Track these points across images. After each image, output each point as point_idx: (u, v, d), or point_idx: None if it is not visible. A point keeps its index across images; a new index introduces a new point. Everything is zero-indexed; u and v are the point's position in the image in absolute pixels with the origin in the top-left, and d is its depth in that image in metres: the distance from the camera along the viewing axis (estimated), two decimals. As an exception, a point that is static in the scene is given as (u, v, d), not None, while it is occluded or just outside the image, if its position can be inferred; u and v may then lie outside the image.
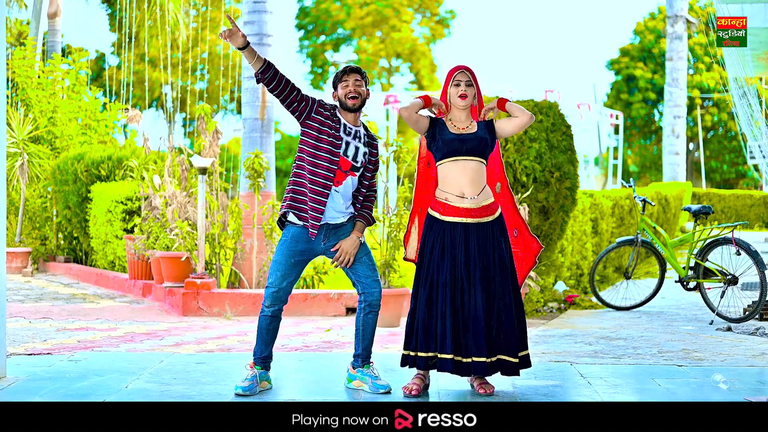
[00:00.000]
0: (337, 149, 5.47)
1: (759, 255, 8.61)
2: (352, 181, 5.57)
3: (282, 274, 5.51)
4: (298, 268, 5.56)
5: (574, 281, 10.83)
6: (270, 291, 5.54)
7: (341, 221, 5.57)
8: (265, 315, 5.58)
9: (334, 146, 5.46)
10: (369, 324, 5.63)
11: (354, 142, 5.54)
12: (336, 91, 5.60)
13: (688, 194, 23.84)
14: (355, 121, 5.59)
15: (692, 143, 42.43)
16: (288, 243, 5.52)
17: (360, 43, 46.24)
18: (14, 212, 14.94)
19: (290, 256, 5.51)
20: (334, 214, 5.52)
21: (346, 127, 5.55)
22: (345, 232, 5.58)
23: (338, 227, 5.56)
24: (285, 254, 5.51)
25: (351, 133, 5.55)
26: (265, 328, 5.58)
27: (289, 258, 5.51)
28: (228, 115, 37.70)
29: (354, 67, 5.58)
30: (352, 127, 5.57)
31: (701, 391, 5.66)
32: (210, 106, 11.07)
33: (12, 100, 16.40)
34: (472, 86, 5.50)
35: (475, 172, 5.42)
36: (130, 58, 22.74)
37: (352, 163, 5.53)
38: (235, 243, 10.41)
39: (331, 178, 5.45)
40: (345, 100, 5.53)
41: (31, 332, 8.09)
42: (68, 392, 5.48)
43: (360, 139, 5.58)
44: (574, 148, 9.53)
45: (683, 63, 26.45)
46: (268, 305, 5.56)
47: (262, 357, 5.59)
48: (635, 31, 44.32)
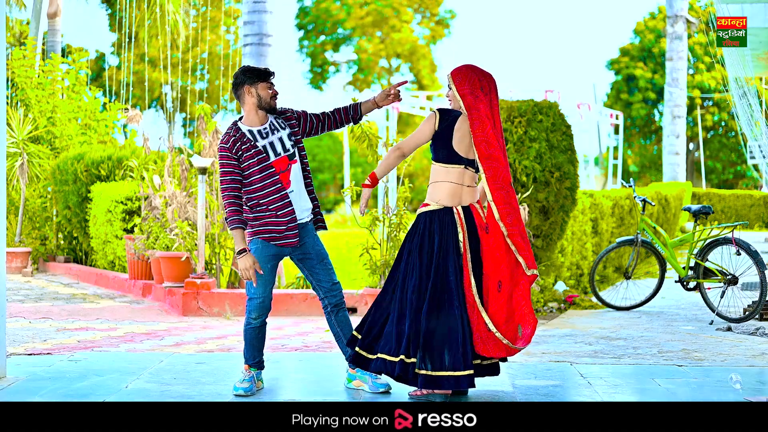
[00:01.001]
0: (265, 161, 5.41)
1: (759, 255, 8.60)
2: (296, 169, 5.51)
3: (262, 282, 5.50)
4: (273, 272, 5.55)
5: (574, 281, 10.83)
6: (256, 302, 5.51)
7: (305, 220, 5.56)
8: (252, 327, 5.56)
9: (262, 161, 5.41)
10: (344, 320, 5.63)
11: (273, 136, 5.47)
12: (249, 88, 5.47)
13: (688, 194, 23.83)
14: (264, 118, 5.51)
15: (692, 143, 42.43)
16: (260, 250, 5.50)
17: (360, 43, 46.23)
18: (14, 212, 14.94)
19: (265, 262, 5.50)
20: (298, 214, 5.51)
21: (260, 132, 5.48)
22: (308, 232, 5.56)
23: (303, 227, 5.55)
24: (260, 262, 5.48)
25: (266, 132, 5.49)
26: (255, 338, 5.58)
27: (265, 264, 5.49)
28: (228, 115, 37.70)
29: (271, 71, 5.53)
30: (264, 128, 5.50)
31: (701, 391, 5.66)
32: (210, 106, 11.07)
33: (12, 100, 16.40)
34: (450, 90, 5.50)
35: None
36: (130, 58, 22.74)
37: (285, 155, 5.47)
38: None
39: (281, 187, 5.42)
40: (269, 101, 5.48)
41: (31, 332, 8.09)
42: (68, 392, 5.48)
43: (276, 129, 5.51)
44: (574, 148, 9.52)
45: (683, 63, 26.44)
46: (255, 317, 5.54)
47: (255, 362, 5.61)
48: (635, 31, 44.31)
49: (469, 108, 5.36)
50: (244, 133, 5.44)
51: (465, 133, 5.40)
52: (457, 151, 5.39)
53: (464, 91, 5.38)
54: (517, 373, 6.18)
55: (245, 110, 5.52)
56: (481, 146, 5.34)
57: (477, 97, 5.37)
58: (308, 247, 5.57)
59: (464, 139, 5.40)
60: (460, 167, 5.41)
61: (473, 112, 5.35)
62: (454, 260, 5.32)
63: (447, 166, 5.40)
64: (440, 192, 5.42)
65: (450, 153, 5.39)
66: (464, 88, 5.39)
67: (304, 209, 5.54)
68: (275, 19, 11.34)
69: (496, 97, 5.44)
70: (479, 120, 5.35)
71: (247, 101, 5.50)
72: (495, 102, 5.42)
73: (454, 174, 5.41)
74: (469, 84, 5.39)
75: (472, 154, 5.42)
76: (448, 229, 5.37)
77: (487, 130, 5.34)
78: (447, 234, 5.35)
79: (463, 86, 5.40)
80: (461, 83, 5.41)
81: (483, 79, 5.41)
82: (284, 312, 9.24)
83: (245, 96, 5.50)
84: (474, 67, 5.47)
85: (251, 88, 5.48)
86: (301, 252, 5.57)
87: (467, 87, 5.38)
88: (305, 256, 5.58)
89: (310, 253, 5.58)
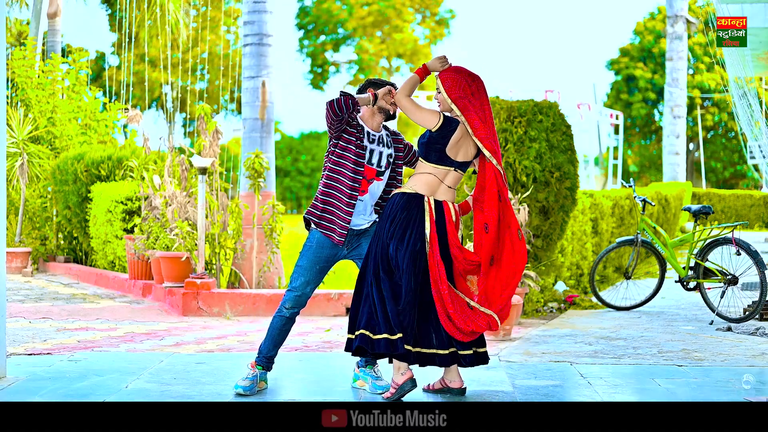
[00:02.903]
0: (361, 159, 5.52)
1: (759, 255, 8.60)
2: (378, 186, 5.63)
3: (306, 280, 5.55)
4: (321, 274, 5.62)
5: (574, 281, 10.83)
6: (293, 294, 5.56)
7: (365, 227, 5.62)
8: (282, 315, 5.60)
9: (359, 156, 5.52)
10: None
11: (378, 147, 5.60)
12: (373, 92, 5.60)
13: (688, 194, 23.83)
14: (378, 126, 5.65)
15: (692, 143, 42.43)
16: (314, 249, 5.55)
17: (361, 43, 46.23)
18: (14, 212, 14.94)
19: (315, 262, 5.55)
20: (358, 221, 5.58)
21: (370, 134, 5.60)
22: (367, 237, 5.64)
23: (361, 233, 5.61)
24: (311, 260, 5.55)
25: (375, 139, 5.61)
26: (279, 328, 5.60)
27: (314, 264, 5.55)
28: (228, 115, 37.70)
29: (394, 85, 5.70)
30: (375, 133, 5.62)
31: (701, 391, 5.66)
32: (210, 106, 11.07)
33: (12, 100, 16.40)
34: (439, 93, 5.52)
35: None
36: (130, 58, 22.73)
37: (376, 169, 5.59)
38: (235, 243, 10.40)
39: (357, 189, 5.51)
40: (389, 106, 5.61)
41: (31, 332, 8.09)
42: (68, 392, 5.48)
43: (384, 144, 5.64)
44: (574, 148, 9.52)
45: (683, 63, 26.45)
46: (289, 307, 5.58)
47: (267, 356, 5.61)
48: (635, 31, 44.32)
49: (464, 110, 5.38)
50: (359, 124, 5.59)
51: (459, 140, 5.43)
52: (449, 155, 5.44)
53: (455, 94, 5.40)
54: (517, 373, 6.19)
55: (363, 110, 5.65)
56: (486, 142, 5.37)
57: (469, 100, 5.40)
58: (364, 247, 5.63)
59: (458, 145, 5.44)
60: (449, 168, 5.45)
61: (467, 114, 5.37)
62: (414, 244, 5.32)
63: (436, 166, 5.46)
64: (417, 181, 5.47)
65: (441, 156, 5.45)
66: (455, 91, 5.41)
67: (364, 218, 5.61)
68: (275, 19, 11.33)
69: (486, 99, 5.47)
70: (475, 121, 5.37)
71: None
72: (486, 105, 5.45)
73: (440, 172, 5.45)
74: (458, 88, 5.41)
75: (461, 157, 5.45)
76: (414, 214, 5.37)
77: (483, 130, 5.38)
78: (410, 217, 5.37)
79: (453, 90, 5.41)
80: (451, 87, 5.42)
81: (473, 83, 5.45)
82: (284, 312, 9.23)
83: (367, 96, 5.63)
84: (462, 70, 5.49)
85: (374, 91, 5.62)
86: (357, 253, 5.65)
87: (458, 90, 5.40)
88: (359, 254, 5.65)
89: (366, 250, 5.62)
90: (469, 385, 5.70)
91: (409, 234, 5.34)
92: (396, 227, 5.37)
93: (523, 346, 7.35)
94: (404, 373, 5.27)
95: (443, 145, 5.42)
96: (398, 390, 5.25)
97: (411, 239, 5.33)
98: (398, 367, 5.29)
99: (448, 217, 5.43)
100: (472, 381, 5.82)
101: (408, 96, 5.51)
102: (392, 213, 5.42)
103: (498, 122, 9.15)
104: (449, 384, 5.51)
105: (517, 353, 7.00)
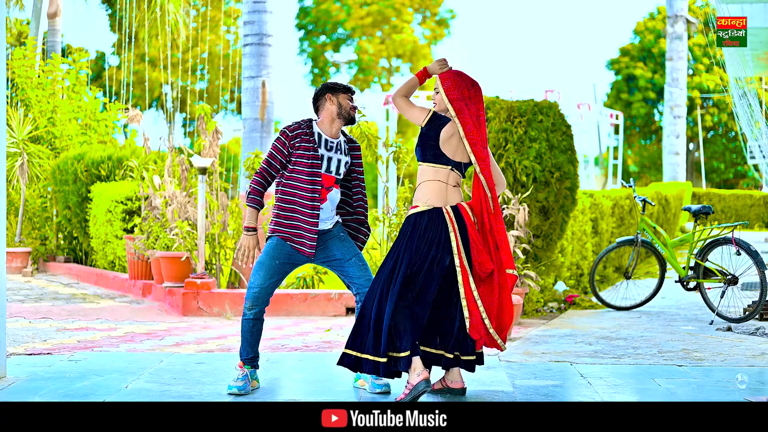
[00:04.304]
0: (317, 168, 5.50)
1: (759, 255, 8.60)
2: (336, 193, 5.62)
3: (264, 273, 5.51)
4: (282, 270, 5.56)
5: (574, 281, 10.83)
6: (251, 292, 5.53)
7: (328, 227, 5.61)
8: (247, 318, 5.58)
9: (314, 166, 5.49)
10: None
11: (336, 155, 5.58)
12: (333, 98, 5.58)
13: (688, 194, 23.83)
14: (336, 133, 5.62)
15: (692, 143, 42.43)
16: (274, 245, 5.55)
17: (360, 43, 46.23)
18: (14, 212, 14.94)
19: (275, 257, 5.52)
20: (321, 225, 5.58)
21: (327, 142, 5.58)
22: (333, 239, 5.62)
23: (325, 233, 5.61)
24: (270, 255, 5.53)
25: (332, 146, 5.58)
26: (249, 330, 5.59)
27: (273, 259, 5.52)
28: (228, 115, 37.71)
29: (353, 89, 5.68)
30: (332, 141, 5.60)
31: (701, 391, 5.66)
32: (210, 106, 11.08)
33: (12, 100, 16.41)
34: (437, 93, 5.54)
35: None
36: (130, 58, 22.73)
37: (335, 177, 5.58)
38: (235, 243, 10.40)
39: (317, 198, 5.50)
40: (350, 111, 5.60)
41: (31, 332, 8.09)
42: (68, 392, 5.48)
43: (341, 151, 5.62)
44: (574, 148, 9.53)
45: (683, 63, 26.45)
46: (249, 307, 5.55)
47: (248, 358, 5.61)
48: (635, 31, 44.31)
49: (459, 112, 5.40)
50: (314, 133, 5.56)
51: (451, 135, 5.44)
52: (444, 152, 5.43)
53: (453, 96, 5.43)
54: (517, 373, 6.19)
55: (322, 117, 5.62)
56: (476, 147, 5.38)
57: (465, 103, 5.42)
58: (332, 250, 5.62)
59: (451, 141, 5.44)
60: (447, 168, 5.44)
61: (462, 116, 5.39)
62: (442, 260, 5.33)
63: (435, 165, 5.45)
64: (428, 192, 5.44)
65: (437, 153, 5.43)
66: (453, 93, 5.43)
67: (326, 219, 5.60)
68: (275, 19, 11.35)
69: (482, 108, 5.49)
70: (468, 124, 5.39)
71: (326, 108, 5.61)
72: (482, 113, 5.47)
73: (442, 174, 5.44)
74: (458, 90, 5.44)
75: (458, 157, 5.46)
76: (438, 230, 5.38)
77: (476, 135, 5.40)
78: (435, 236, 5.37)
79: (451, 91, 5.44)
80: (450, 88, 5.45)
81: (471, 88, 5.48)
82: (284, 312, 9.25)
83: (326, 103, 5.61)
84: (463, 74, 5.53)
85: (333, 97, 5.60)
86: (325, 255, 5.63)
87: (456, 92, 5.43)
88: (329, 259, 5.63)
89: (334, 254, 5.62)
90: (469, 385, 5.70)
91: (435, 251, 5.35)
92: (422, 244, 5.36)
93: (523, 346, 7.35)
94: (420, 373, 5.26)
95: (435, 140, 5.42)
96: (413, 390, 5.26)
97: (439, 257, 5.34)
98: (414, 368, 5.28)
99: (467, 220, 5.44)
100: (472, 381, 5.82)
101: (404, 96, 5.53)
102: (416, 231, 5.40)
103: (498, 122, 9.15)
104: (450, 384, 5.52)
105: (517, 353, 7.01)
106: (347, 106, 5.60)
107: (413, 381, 5.26)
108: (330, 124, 5.60)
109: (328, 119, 5.60)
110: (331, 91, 5.61)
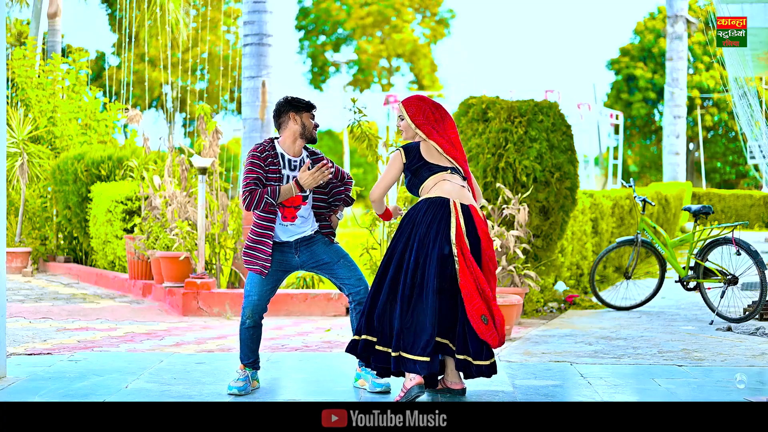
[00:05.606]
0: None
1: (759, 255, 8.60)
2: (306, 209, 5.56)
3: (259, 282, 5.53)
4: (275, 277, 5.56)
5: (574, 281, 10.83)
6: (248, 300, 5.54)
7: (309, 234, 5.59)
8: (246, 327, 5.58)
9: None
10: None
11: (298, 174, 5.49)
12: (296, 117, 5.52)
13: (688, 194, 23.83)
14: (299, 151, 5.57)
15: (692, 143, 42.43)
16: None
17: (360, 43, 46.23)
18: (14, 212, 14.94)
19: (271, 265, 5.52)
20: (300, 230, 5.56)
21: (291, 162, 5.53)
22: (315, 242, 5.61)
23: (309, 239, 5.60)
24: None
25: (295, 166, 5.54)
26: (249, 338, 5.61)
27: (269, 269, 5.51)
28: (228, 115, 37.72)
29: (314, 105, 5.62)
30: (295, 159, 5.55)
31: (701, 391, 5.66)
32: (210, 106, 11.09)
33: (12, 100, 16.41)
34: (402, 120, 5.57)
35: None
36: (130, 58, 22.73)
37: (300, 195, 5.52)
38: (235, 243, 10.41)
39: (272, 219, 5.45)
40: (312, 131, 5.55)
41: (31, 332, 8.09)
42: (68, 392, 5.48)
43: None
44: (574, 148, 9.53)
45: (683, 63, 26.45)
46: (248, 315, 5.55)
47: (250, 362, 5.62)
48: (635, 31, 44.32)
49: (429, 135, 5.47)
50: (277, 153, 5.51)
51: (429, 148, 5.50)
52: (434, 162, 5.47)
53: (419, 121, 5.49)
54: (517, 373, 6.19)
55: (284, 136, 5.56)
56: (458, 161, 5.48)
57: (432, 126, 5.48)
58: (319, 255, 5.60)
59: (432, 153, 5.49)
60: (445, 172, 5.46)
61: (432, 137, 5.47)
62: (439, 250, 5.30)
63: (434, 175, 5.47)
64: (436, 190, 5.45)
65: (429, 166, 5.46)
66: (418, 118, 5.49)
67: (305, 227, 5.58)
68: (275, 19, 11.34)
69: (451, 127, 5.53)
70: (443, 144, 5.47)
71: (289, 127, 5.54)
72: (451, 132, 5.51)
73: (446, 174, 5.47)
74: (422, 115, 5.50)
75: (447, 163, 5.50)
76: (439, 218, 5.35)
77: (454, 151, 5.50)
78: (435, 223, 5.34)
79: (417, 117, 5.50)
80: (415, 114, 5.51)
81: (436, 111, 5.53)
82: (284, 312, 9.25)
83: (289, 122, 5.54)
84: (425, 98, 5.60)
85: (297, 116, 5.53)
86: (314, 261, 5.61)
87: (421, 117, 5.49)
88: (318, 263, 5.62)
89: (322, 258, 5.61)
90: (469, 385, 5.70)
91: (434, 234, 5.33)
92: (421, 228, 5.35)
93: (523, 346, 7.35)
94: (413, 378, 5.27)
95: (420, 159, 5.47)
96: (406, 394, 5.27)
97: (438, 242, 5.32)
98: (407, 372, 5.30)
99: (477, 220, 5.43)
100: (472, 381, 5.81)
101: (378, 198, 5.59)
102: (414, 217, 5.41)
103: (498, 122, 9.16)
104: (449, 385, 5.52)
105: (517, 353, 7.01)
106: (310, 125, 5.54)
107: (407, 385, 5.28)
108: (292, 144, 5.55)
109: (291, 138, 5.54)
110: (295, 110, 5.53)
